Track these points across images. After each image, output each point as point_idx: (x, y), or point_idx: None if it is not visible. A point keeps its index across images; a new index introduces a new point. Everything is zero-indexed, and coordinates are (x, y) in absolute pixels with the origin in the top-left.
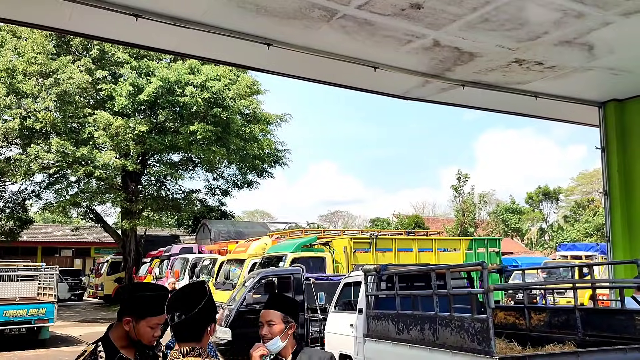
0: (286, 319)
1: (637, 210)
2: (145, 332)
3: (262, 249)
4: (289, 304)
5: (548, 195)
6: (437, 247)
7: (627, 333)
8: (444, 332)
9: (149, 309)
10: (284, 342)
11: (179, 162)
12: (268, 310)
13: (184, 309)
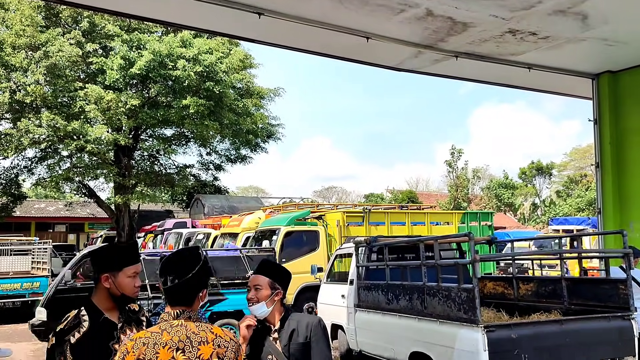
0: (273, 285)
1: (628, 182)
2: (126, 283)
3: (255, 223)
4: (278, 271)
5: (541, 171)
6: (430, 221)
7: (611, 302)
8: (432, 302)
9: (123, 260)
10: (270, 308)
11: (172, 136)
12: (256, 275)
13: (177, 273)
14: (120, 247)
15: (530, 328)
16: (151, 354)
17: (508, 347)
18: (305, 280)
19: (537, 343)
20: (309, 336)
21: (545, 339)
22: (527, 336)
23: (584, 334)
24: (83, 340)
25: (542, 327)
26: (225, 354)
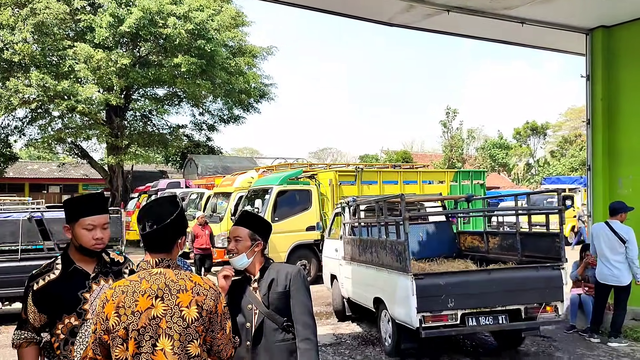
0: (253, 237)
1: (618, 138)
2: (81, 234)
3: (248, 182)
4: (257, 223)
5: (536, 131)
6: (422, 180)
7: (550, 253)
8: (382, 254)
9: (78, 211)
10: (250, 259)
11: (164, 96)
12: (236, 227)
13: (155, 219)
14: (79, 198)
15: (457, 277)
16: (130, 302)
17: (435, 292)
18: (298, 238)
19: (463, 290)
20: (288, 285)
21: (471, 286)
22: (453, 284)
23: (511, 282)
24: (48, 287)
25: (468, 276)
26: (204, 302)
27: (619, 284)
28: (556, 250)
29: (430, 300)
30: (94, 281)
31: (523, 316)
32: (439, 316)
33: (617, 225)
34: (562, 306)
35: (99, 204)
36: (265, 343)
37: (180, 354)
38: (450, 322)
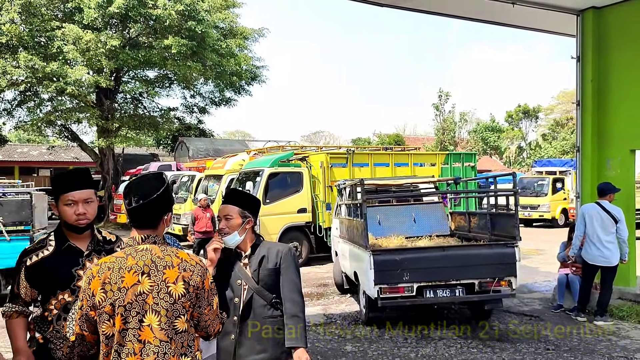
0: (244, 214)
1: (607, 120)
2: (64, 210)
3: (239, 165)
4: (247, 200)
5: (528, 114)
6: (413, 162)
7: (509, 232)
8: (353, 232)
9: (60, 187)
10: (242, 236)
11: (155, 78)
12: (226, 205)
13: (141, 195)
14: (62, 174)
15: (412, 253)
16: (116, 278)
17: (391, 267)
18: (289, 220)
19: (417, 265)
20: (278, 263)
21: (426, 262)
22: (408, 259)
23: (464, 258)
24: (41, 264)
25: (423, 253)
26: (191, 278)
27: (608, 265)
28: (511, 229)
29: (386, 274)
30: (87, 259)
31: (477, 289)
32: (395, 288)
33: (608, 205)
34: (516, 281)
35: (80, 179)
36: (253, 318)
37: (167, 330)
38: (407, 293)
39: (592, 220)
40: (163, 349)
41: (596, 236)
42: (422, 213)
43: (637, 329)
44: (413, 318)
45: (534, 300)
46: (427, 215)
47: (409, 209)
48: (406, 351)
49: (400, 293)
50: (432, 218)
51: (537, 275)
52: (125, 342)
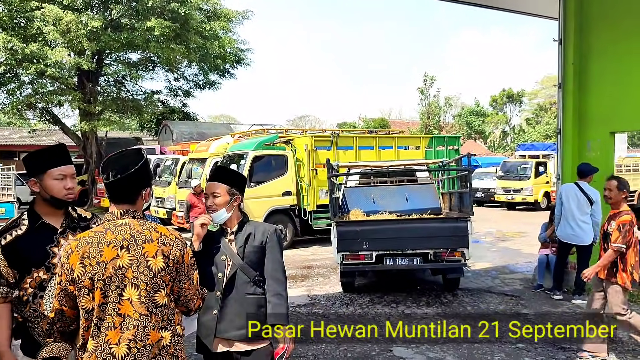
0: (231, 192)
1: (588, 102)
2: (52, 185)
3: (223, 148)
4: (234, 177)
5: (512, 99)
6: (398, 145)
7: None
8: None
9: (46, 161)
10: (229, 214)
11: (138, 61)
12: (213, 183)
13: (119, 169)
14: (43, 150)
15: (371, 225)
16: (95, 253)
17: (352, 236)
18: (274, 203)
19: (376, 235)
20: (264, 241)
21: (383, 233)
22: (367, 230)
23: (419, 230)
24: (15, 242)
25: (381, 225)
26: (170, 252)
27: (581, 244)
28: (465, 205)
29: (348, 243)
30: (61, 236)
31: (432, 259)
32: (356, 255)
33: (586, 187)
34: (468, 252)
35: (65, 154)
36: (235, 294)
37: (147, 303)
38: (367, 260)
39: (568, 200)
40: (143, 323)
41: (571, 215)
42: (415, 192)
43: None
44: (395, 298)
45: (515, 280)
46: (420, 194)
47: (402, 189)
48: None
49: (361, 260)
50: (425, 197)
51: (519, 256)
52: (105, 316)
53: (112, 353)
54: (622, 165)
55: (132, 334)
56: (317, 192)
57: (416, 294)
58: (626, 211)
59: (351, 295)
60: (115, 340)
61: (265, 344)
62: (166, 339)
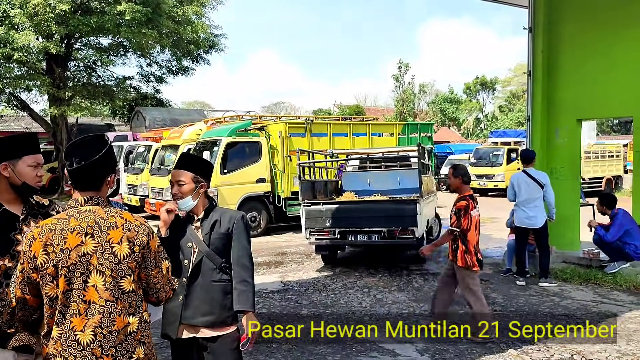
0: (196, 179)
1: (557, 90)
2: (26, 171)
3: (196, 134)
4: (199, 164)
5: (485, 86)
6: (372, 132)
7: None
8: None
9: (22, 148)
10: (195, 201)
11: (109, 46)
12: (178, 170)
13: (84, 155)
14: (19, 136)
15: (332, 205)
16: (59, 239)
17: (316, 215)
18: (248, 190)
19: (337, 215)
20: (231, 228)
21: (343, 212)
22: (330, 210)
23: (374, 211)
24: None
25: (342, 205)
26: (135, 237)
27: (533, 226)
28: (416, 189)
29: (313, 220)
30: (24, 223)
31: (386, 236)
32: (321, 232)
33: (533, 172)
34: (417, 230)
35: (38, 144)
36: (201, 281)
37: (113, 290)
38: (331, 236)
39: (520, 188)
40: (109, 309)
41: (524, 201)
42: (405, 177)
43: (579, 289)
44: (367, 283)
45: (485, 265)
46: (407, 178)
47: (395, 174)
48: (360, 315)
49: (326, 235)
50: (411, 180)
51: (490, 241)
52: (69, 303)
53: (77, 340)
54: (590, 152)
55: (97, 320)
56: (291, 179)
57: (388, 280)
58: (463, 196)
59: (324, 281)
60: (80, 327)
61: (232, 330)
62: (133, 325)
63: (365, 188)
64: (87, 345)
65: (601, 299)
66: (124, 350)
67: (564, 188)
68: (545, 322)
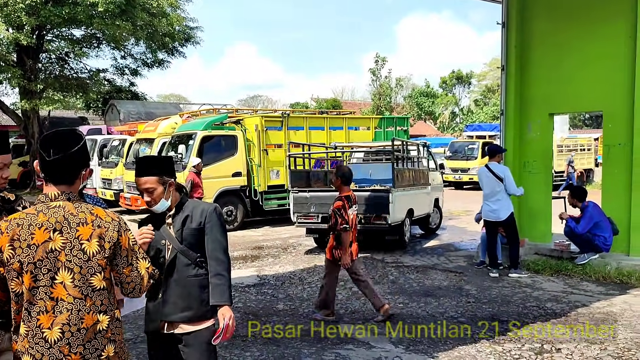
0: (163, 180)
1: (529, 84)
2: None
3: (172, 128)
4: (160, 164)
5: (461, 80)
6: (348, 126)
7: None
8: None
9: None
10: (169, 200)
11: (81, 38)
12: (141, 178)
13: (59, 148)
14: None
15: (316, 193)
16: (26, 235)
17: (303, 201)
18: (224, 184)
19: (320, 201)
20: (203, 222)
21: (325, 199)
22: (315, 197)
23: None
24: None
25: (323, 193)
26: (105, 234)
27: (497, 219)
28: (390, 180)
29: (300, 206)
30: None
31: (363, 222)
32: (307, 216)
33: (494, 166)
34: (389, 217)
35: (7, 143)
36: (177, 277)
37: (82, 287)
38: (315, 220)
39: (482, 182)
40: (77, 306)
41: (487, 195)
42: (382, 169)
43: (550, 281)
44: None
45: (459, 257)
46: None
47: (377, 165)
48: (335, 308)
49: (311, 219)
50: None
51: (465, 234)
52: (36, 300)
53: (44, 337)
54: (563, 146)
55: (65, 318)
56: (268, 172)
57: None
58: (339, 197)
59: (301, 274)
60: (47, 325)
61: (209, 324)
62: (103, 323)
63: (365, 177)
64: (55, 343)
65: (571, 289)
66: (92, 348)
67: (536, 181)
68: (517, 313)
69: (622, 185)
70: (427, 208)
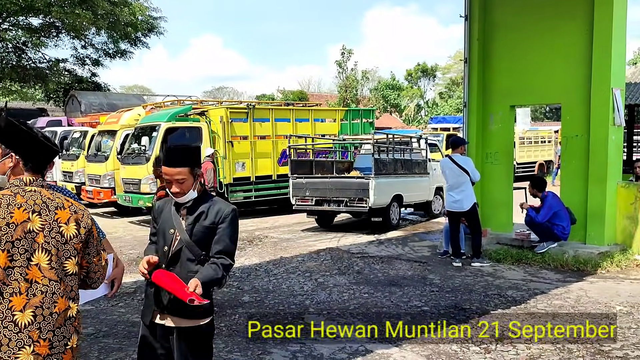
0: (194, 172)
1: (491, 76)
2: None
3: (135, 119)
4: (192, 155)
5: (426, 73)
6: (314, 118)
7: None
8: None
9: None
10: (195, 191)
11: (40, 27)
12: (174, 169)
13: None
14: None
15: (311, 179)
16: (5, 214)
17: (300, 187)
18: None
19: (312, 187)
20: (216, 222)
21: (318, 185)
22: (309, 182)
23: (340, 184)
24: None
25: (318, 180)
26: (82, 219)
27: (461, 210)
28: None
29: (297, 190)
30: None
31: (347, 205)
32: (303, 199)
33: (457, 157)
34: (369, 201)
35: None
36: (178, 270)
37: (57, 269)
38: (310, 203)
39: (445, 173)
40: (52, 289)
41: (450, 186)
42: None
43: (511, 269)
44: (309, 268)
45: (424, 247)
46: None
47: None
48: (301, 299)
49: (306, 202)
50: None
51: (429, 225)
52: (10, 282)
53: (14, 321)
54: (524, 138)
55: (39, 300)
56: (233, 164)
57: (329, 264)
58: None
59: (266, 266)
60: (19, 307)
61: (205, 322)
62: (73, 310)
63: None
64: (25, 327)
65: (531, 277)
66: (61, 335)
67: (498, 172)
68: (479, 301)
69: (579, 175)
70: (425, 195)
